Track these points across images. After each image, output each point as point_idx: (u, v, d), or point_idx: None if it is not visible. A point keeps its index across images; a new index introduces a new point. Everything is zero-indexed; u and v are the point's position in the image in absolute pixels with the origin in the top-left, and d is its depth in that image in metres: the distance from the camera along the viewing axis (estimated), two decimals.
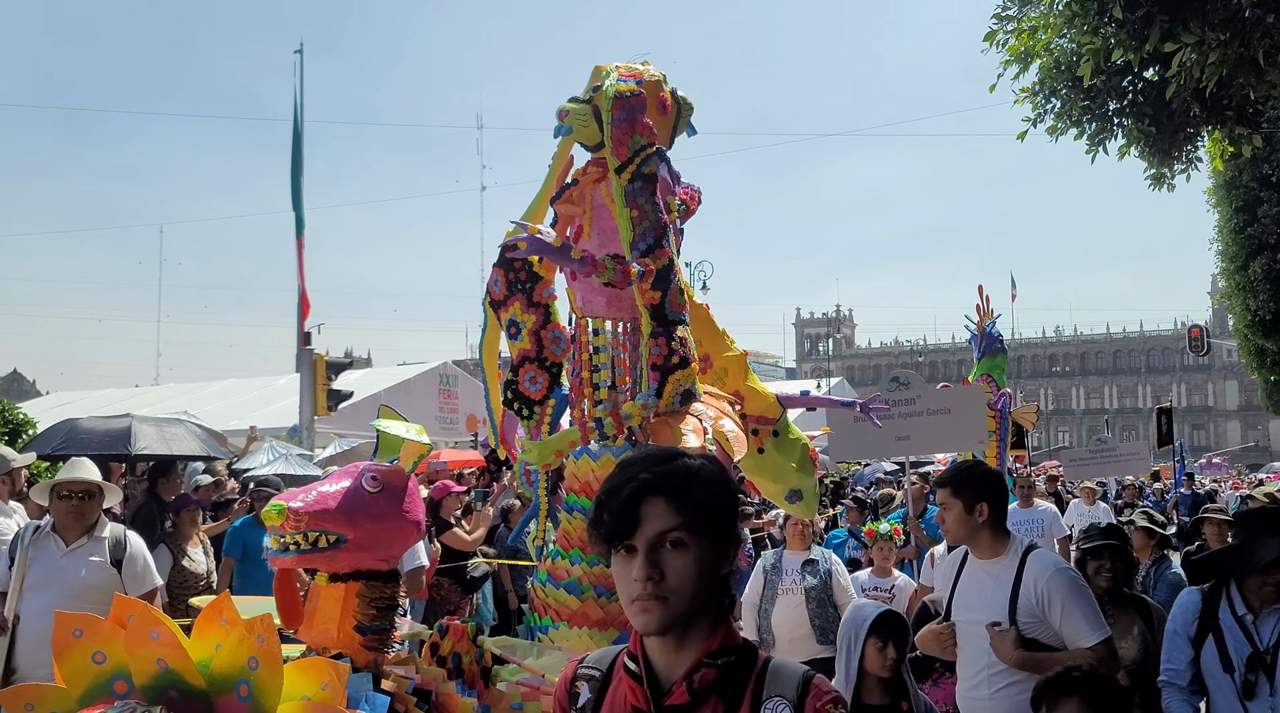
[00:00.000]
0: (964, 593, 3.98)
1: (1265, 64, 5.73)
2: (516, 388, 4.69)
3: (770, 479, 5.42)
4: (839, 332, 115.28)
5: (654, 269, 4.04)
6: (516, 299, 4.73)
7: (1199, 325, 30.22)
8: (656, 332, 4.09)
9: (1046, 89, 7.47)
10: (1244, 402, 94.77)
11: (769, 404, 5.30)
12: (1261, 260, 17.88)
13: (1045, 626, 3.80)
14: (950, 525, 3.85)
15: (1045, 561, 3.77)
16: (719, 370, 5.25)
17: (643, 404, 4.07)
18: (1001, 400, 11.93)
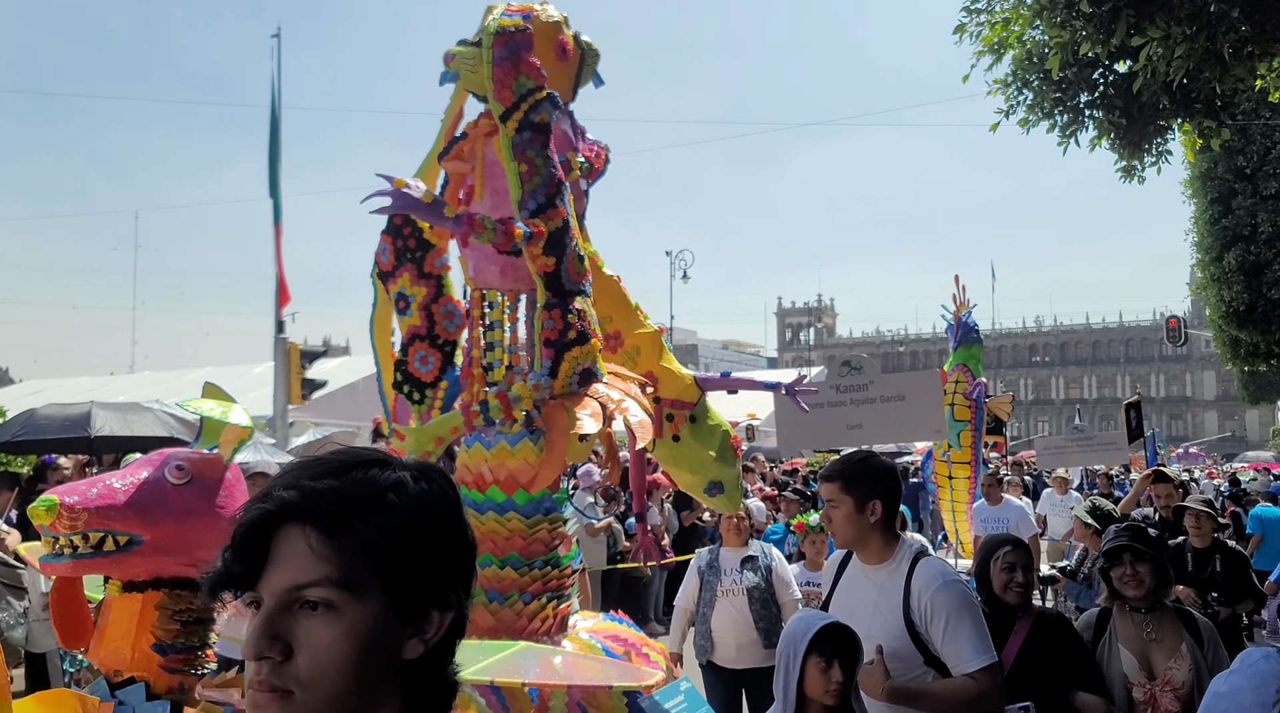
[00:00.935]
0: (846, 601, 3.48)
1: (1230, 58, 5.76)
2: (406, 369, 4.32)
3: (687, 470, 5.04)
4: (820, 321, 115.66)
5: (544, 231, 3.61)
6: (406, 270, 4.33)
7: (1177, 316, 30.42)
8: (551, 303, 3.69)
9: (1018, 81, 7.49)
10: (1221, 392, 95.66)
11: (685, 387, 4.92)
12: (1236, 252, 18.03)
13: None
14: (837, 526, 3.37)
15: (933, 570, 3.27)
16: (630, 350, 4.90)
17: (534, 385, 3.65)
18: (977, 390, 11.71)
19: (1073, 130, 7.51)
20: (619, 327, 4.84)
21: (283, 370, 13.73)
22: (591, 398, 3.66)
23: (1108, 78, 7.20)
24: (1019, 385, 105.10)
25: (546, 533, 3.72)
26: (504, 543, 3.65)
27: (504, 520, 3.66)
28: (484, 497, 3.72)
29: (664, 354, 4.95)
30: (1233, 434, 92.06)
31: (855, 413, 8.05)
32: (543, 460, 3.62)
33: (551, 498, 3.77)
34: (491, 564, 3.65)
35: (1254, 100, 14.60)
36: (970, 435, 11.59)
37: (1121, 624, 4.03)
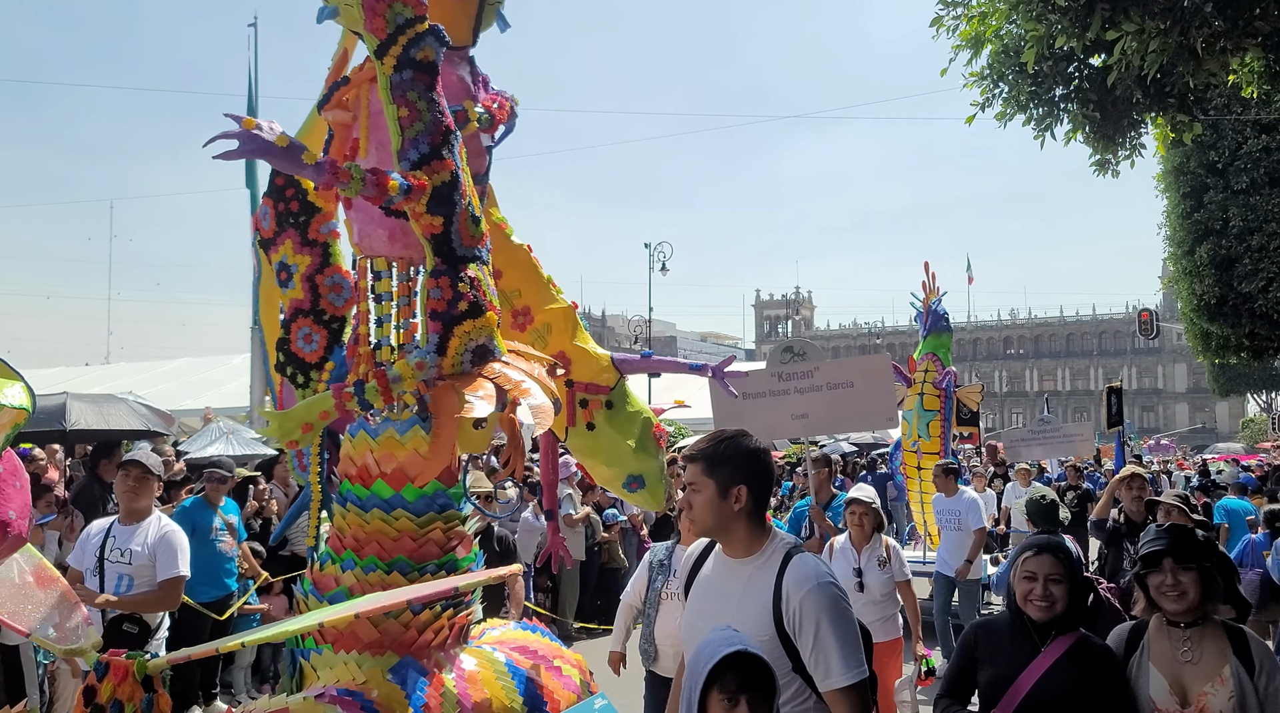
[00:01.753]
0: (705, 598, 3.02)
1: (1203, 53, 5.83)
2: (288, 348, 3.82)
3: (603, 462, 4.55)
4: (798, 313, 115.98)
5: (427, 185, 3.15)
6: (288, 236, 3.84)
7: (1149, 309, 30.72)
8: (439, 270, 3.24)
9: (995, 74, 7.54)
10: (1192, 384, 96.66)
11: (601, 369, 4.47)
12: (1207, 245, 18.22)
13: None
14: (698, 511, 2.93)
15: (806, 570, 2.80)
16: (540, 327, 4.44)
17: (418, 363, 3.22)
18: (946, 379, 11.72)
19: (1048, 124, 7.57)
20: (528, 302, 4.43)
21: (259, 361, 13.64)
22: (486, 378, 3.22)
23: (1083, 71, 7.26)
24: (993, 377, 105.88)
25: (441, 533, 3.35)
26: (391, 545, 3.27)
27: (391, 519, 3.28)
28: (369, 493, 3.32)
29: (578, 332, 4.53)
30: (1203, 426, 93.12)
31: (800, 402, 7.54)
32: (429, 450, 3.22)
33: (446, 494, 3.39)
34: (377, 569, 3.24)
35: (1226, 96, 14.79)
36: (940, 426, 11.59)
37: (1157, 641, 3.43)
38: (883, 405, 7.66)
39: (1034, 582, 3.45)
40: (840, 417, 7.74)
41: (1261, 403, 61.33)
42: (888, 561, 6.34)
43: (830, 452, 20.51)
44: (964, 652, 3.65)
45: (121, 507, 5.37)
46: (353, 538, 3.33)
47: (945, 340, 12.12)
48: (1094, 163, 7.89)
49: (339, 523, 3.42)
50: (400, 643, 3.21)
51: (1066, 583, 3.44)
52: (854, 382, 7.52)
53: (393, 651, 3.20)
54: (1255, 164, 17.72)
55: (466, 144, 3.48)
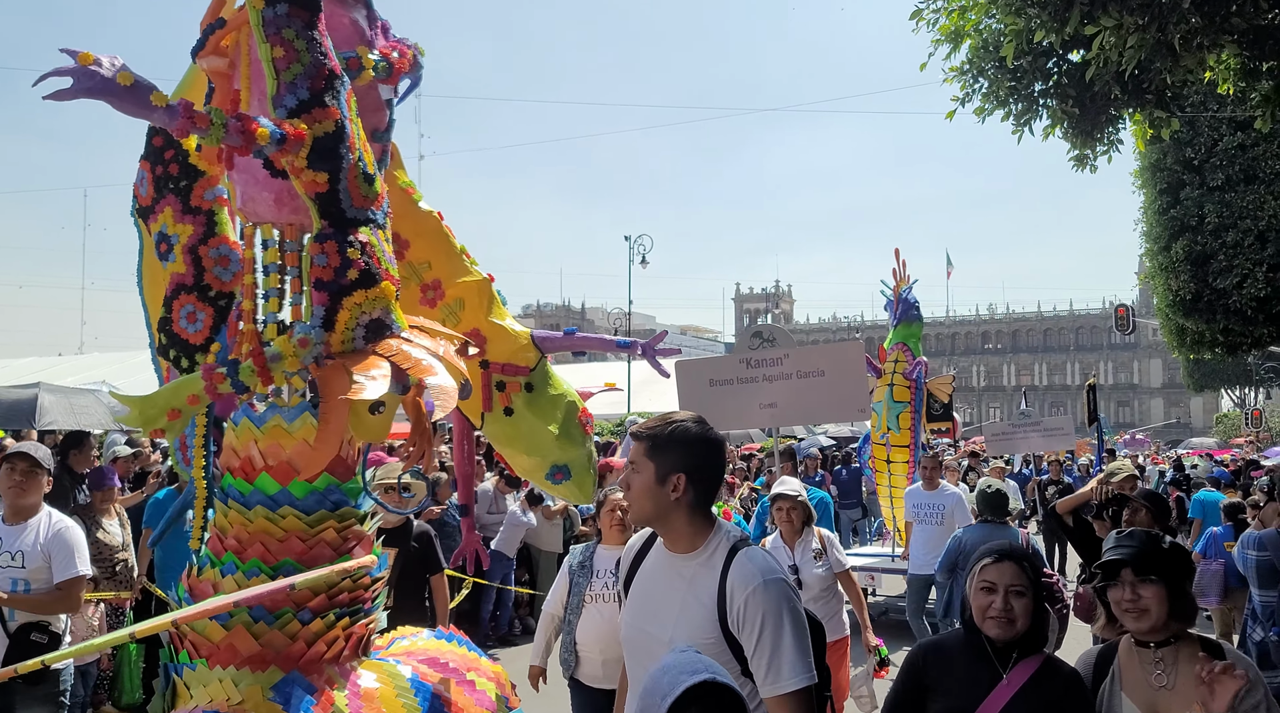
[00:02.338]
0: (646, 597, 2.77)
1: (1180, 49, 5.86)
2: (170, 328, 3.42)
3: (523, 450, 4.18)
4: (778, 307, 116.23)
5: (306, 136, 2.76)
6: (168, 203, 3.43)
7: (1125, 305, 30.96)
8: (325, 234, 2.87)
9: (974, 69, 7.57)
10: (1167, 380, 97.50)
11: (520, 348, 4.10)
12: (1183, 242, 18.35)
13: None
14: (634, 495, 2.70)
15: (752, 566, 2.58)
16: (453, 302, 4.07)
17: (300, 340, 2.86)
18: (917, 370, 11.33)
19: (1027, 119, 7.60)
20: (439, 274, 4.08)
21: None
22: (381, 357, 2.88)
23: (1061, 67, 7.30)
24: (971, 372, 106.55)
25: (335, 533, 2.99)
26: (278, 546, 2.92)
27: (277, 518, 2.93)
28: (252, 488, 2.95)
29: (494, 307, 4.16)
30: (1178, 421, 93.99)
31: (769, 390, 7.18)
32: (316, 438, 2.83)
33: (341, 489, 3.02)
34: (260, 573, 2.89)
35: (1202, 92, 14.88)
36: (910, 418, 11.17)
37: (1128, 667, 3.00)
38: (854, 395, 7.30)
39: (993, 594, 2.98)
40: (810, 407, 7.40)
41: (1235, 399, 61.98)
42: (823, 552, 6.01)
43: (809, 445, 20.60)
44: (910, 676, 3.14)
45: (6, 504, 4.82)
46: (234, 539, 2.97)
47: (916, 330, 11.74)
48: (1072, 158, 7.94)
49: (220, 522, 3.06)
50: (285, 657, 2.84)
51: (1029, 596, 2.97)
52: (825, 370, 7.19)
53: (276, 665, 2.83)
54: (1231, 161, 17.86)
55: (362, 95, 3.17)
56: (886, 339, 11.89)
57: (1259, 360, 42.02)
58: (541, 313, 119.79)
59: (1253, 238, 17.63)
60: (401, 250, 3.97)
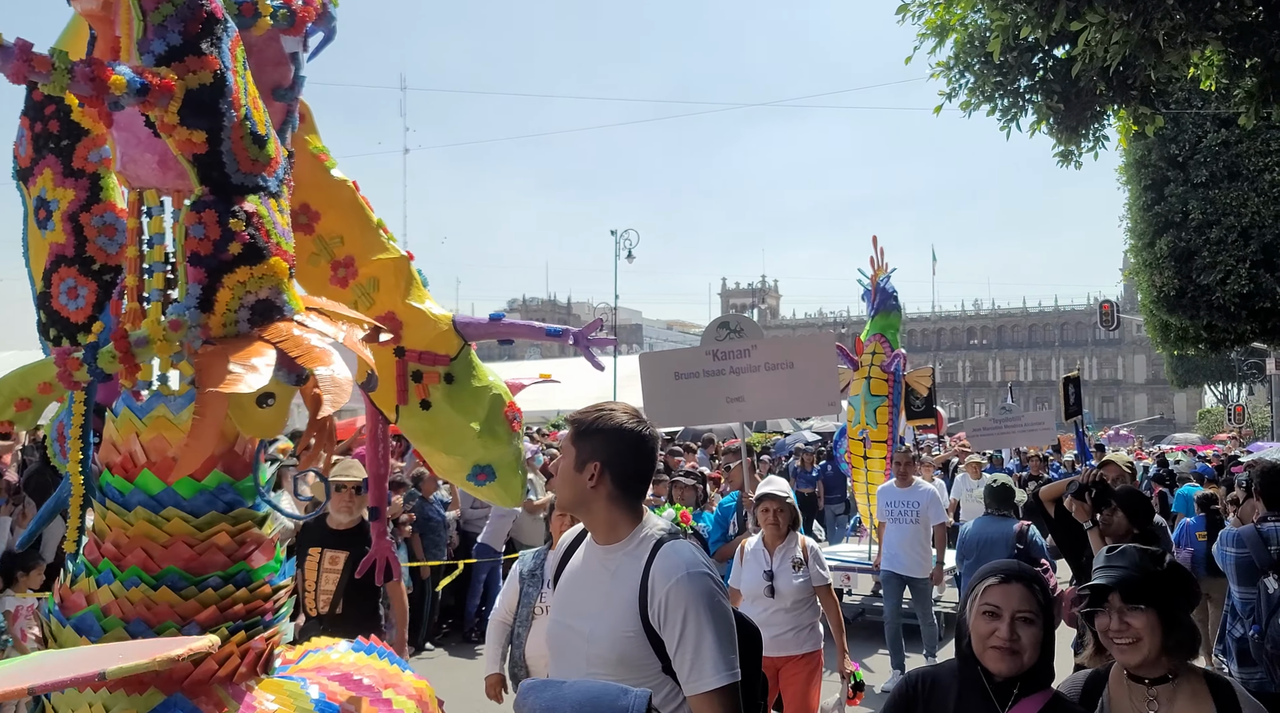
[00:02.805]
0: (571, 590, 2.68)
1: (1165, 45, 5.87)
2: (50, 305, 3.10)
3: (442, 448, 3.86)
4: (764, 302, 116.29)
5: (175, 87, 2.43)
6: (47, 165, 3.07)
7: (1110, 301, 31.10)
8: (204, 202, 2.55)
9: (960, 64, 7.58)
10: (1151, 375, 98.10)
11: (440, 334, 3.77)
12: (1167, 238, 18.46)
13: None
14: (556, 480, 2.68)
15: (676, 559, 2.47)
16: (366, 281, 3.73)
17: (171, 322, 2.54)
18: (895, 363, 10.88)
19: (1013, 114, 7.62)
20: (352, 250, 3.72)
21: None
22: (267, 343, 2.56)
23: (1047, 63, 7.31)
24: (957, 367, 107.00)
25: (229, 538, 2.69)
26: (161, 552, 2.61)
27: (161, 520, 2.62)
28: (132, 486, 2.64)
29: (413, 289, 3.81)
30: (1161, 416, 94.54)
31: (736, 384, 6.84)
32: (189, 432, 2.49)
33: (234, 488, 2.72)
34: (140, 583, 2.58)
35: (1187, 89, 14.94)
36: (887, 412, 10.78)
37: (1118, 698, 2.65)
38: (825, 389, 6.90)
39: (997, 620, 2.52)
40: (779, 401, 7.07)
41: (1218, 394, 62.43)
42: (804, 563, 5.61)
43: (792, 441, 20.61)
44: (902, 709, 2.75)
45: None
46: (112, 544, 2.65)
47: (894, 320, 11.32)
48: (1057, 154, 7.96)
49: (98, 525, 2.73)
50: (167, 678, 2.53)
51: (1039, 624, 2.52)
52: (794, 362, 6.83)
53: (156, 687, 2.53)
54: (1215, 158, 17.97)
55: (260, 47, 2.90)
56: (864, 331, 11.46)
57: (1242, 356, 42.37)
58: (527, 307, 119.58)
59: (1236, 234, 17.75)
60: (311, 223, 3.70)
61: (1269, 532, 5.01)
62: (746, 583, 5.64)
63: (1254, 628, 4.94)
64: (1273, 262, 17.52)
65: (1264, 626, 4.89)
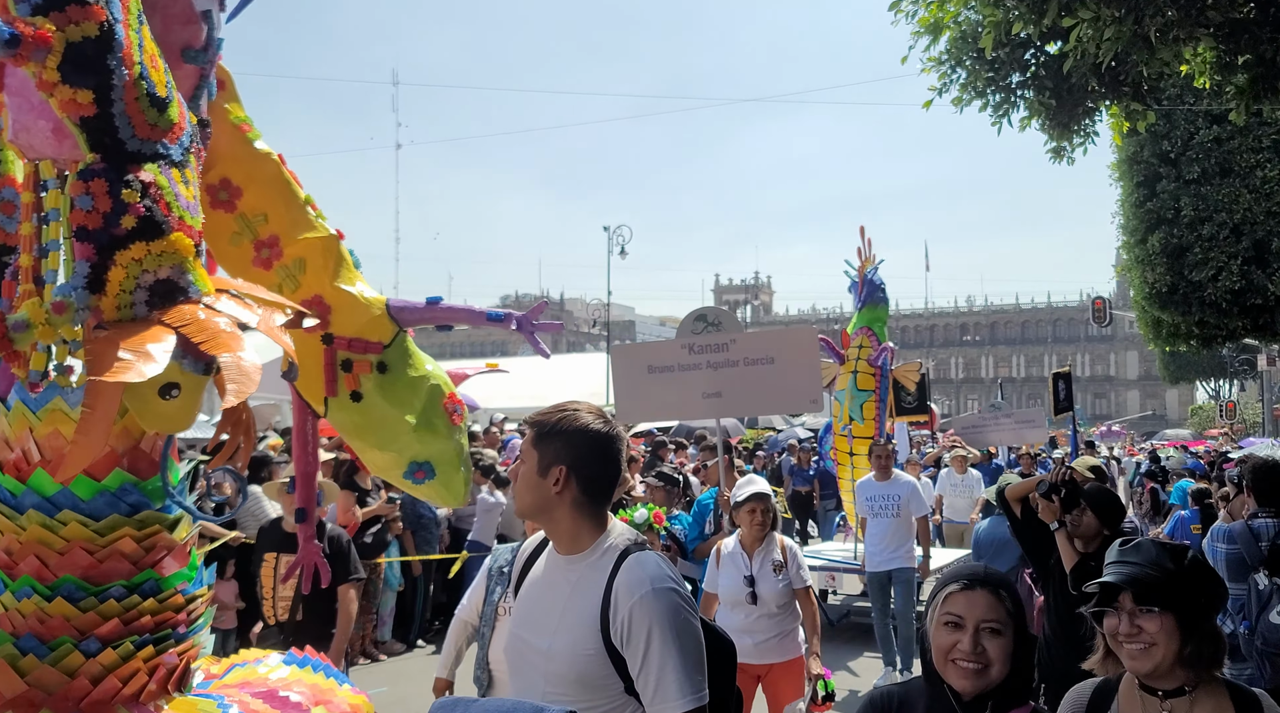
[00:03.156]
0: (530, 603, 2.48)
1: (1157, 42, 5.87)
2: None
3: (375, 444, 3.59)
4: (757, 298, 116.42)
5: (53, 39, 2.18)
6: None
7: (1102, 297, 31.16)
8: (93, 170, 2.31)
9: (953, 60, 7.58)
10: (1143, 372, 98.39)
11: (371, 320, 3.51)
12: (1159, 234, 18.50)
13: None
14: (519, 486, 2.46)
15: (642, 572, 2.29)
16: (292, 262, 3.45)
17: (56, 303, 2.30)
18: (882, 356, 10.47)
19: (1005, 110, 7.62)
20: (278, 229, 3.44)
21: None
22: (168, 327, 2.32)
23: (1039, 58, 7.31)
24: (950, 364, 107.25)
25: (134, 543, 2.46)
26: (58, 560, 2.39)
27: (56, 524, 2.40)
28: (25, 487, 2.42)
29: (343, 270, 3.54)
30: (1153, 413, 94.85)
31: (713, 378, 6.53)
32: (78, 427, 2.21)
33: (140, 489, 2.50)
34: (33, 594, 2.36)
35: (1179, 86, 14.97)
36: (874, 407, 10.44)
37: (1128, 709, 2.41)
38: (806, 385, 6.55)
39: (959, 631, 2.24)
40: (758, 397, 6.74)
41: (1210, 390, 62.61)
42: (784, 565, 5.39)
43: (785, 437, 20.59)
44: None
45: None
46: (3, 551, 2.43)
47: (882, 313, 10.91)
48: (1049, 150, 7.97)
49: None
50: (62, 698, 2.31)
51: (1008, 635, 2.23)
52: (774, 357, 6.50)
53: (49, 708, 2.31)
54: (1207, 154, 18.00)
55: (164, 2, 2.72)
56: (850, 323, 11.07)
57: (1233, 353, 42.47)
58: (520, 303, 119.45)
59: (1228, 231, 17.80)
60: (232, 200, 3.45)
61: (1260, 528, 5.02)
62: (725, 588, 5.41)
63: (1244, 624, 4.94)
64: (1264, 258, 17.57)
65: (1254, 622, 4.89)
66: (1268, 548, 4.95)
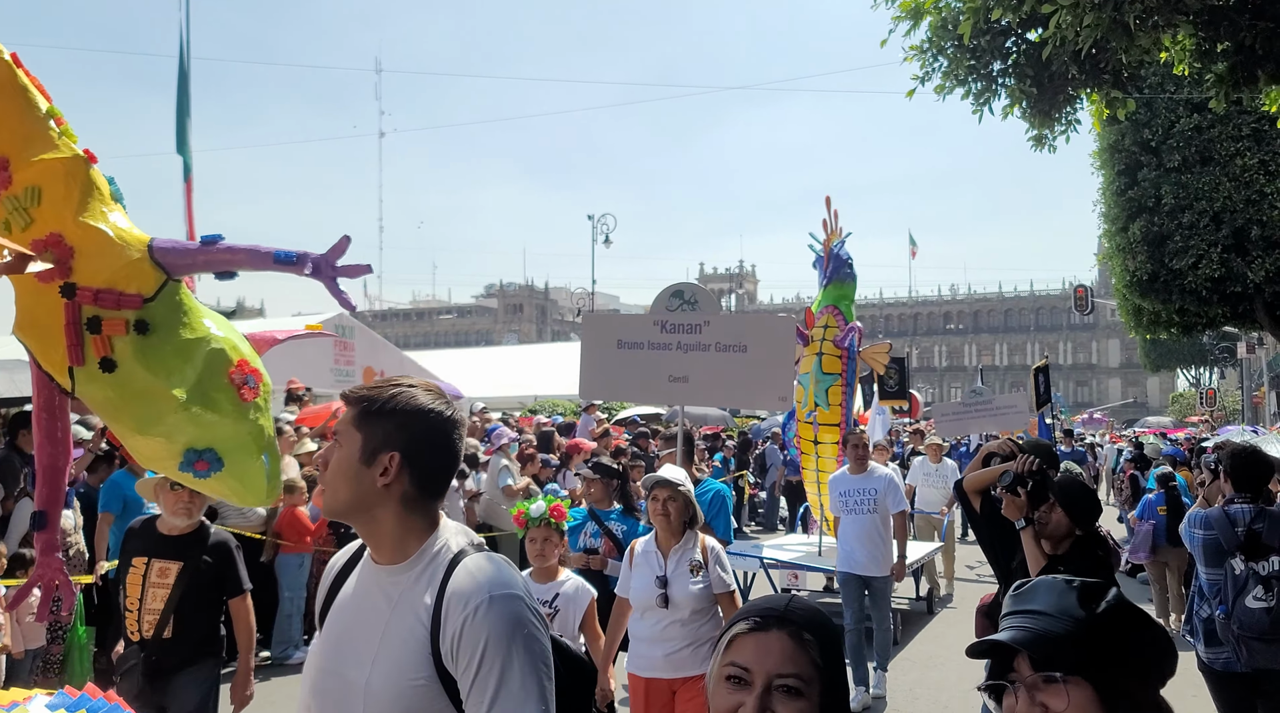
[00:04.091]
0: (340, 625, 2.01)
1: (1136, 29, 5.87)
2: None
3: (134, 426, 2.85)
4: (741, 287, 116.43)
5: None
6: None
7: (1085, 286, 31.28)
8: None
9: (934, 48, 7.56)
10: (1125, 360, 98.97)
11: (128, 266, 2.76)
12: (1140, 222, 18.58)
13: None
14: (330, 475, 1.98)
15: (478, 578, 1.88)
16: (24, 191, 2.77)
17: None
18: (849, 337, 9.57)
19: (986, 98, 7.61)
20: (7, 149, 2.80)
21: None
22: None
23: (1020, 46, 7.30)
24: (934, 352, 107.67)
25: None
26: None
27: None
28: None
29: (92, 202, 2.80)
30: (1135, 400, 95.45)
31: (682, 362, 6.01)
32: None
33: None
34: None
35: (1160, 74, 15.03)
36: (841, 392, 9.53)
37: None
38: (777, 381, 6.00)
39: (742, 691, 1.53)
40: (725, 387, 6.13)
41: (1191, 378, 63.03)
42: (703, 566, 4.77)
43: (768, 426, 20.54)
44: None
45: None
46: None
47: (849, 290, 10.04)
48: (1030, 138, 7.96)
49: None
50: None
51: (813, 696, 1.52)
52: (747, 346, 5.97)
53: None
54: (1187, 142, 18.07)
55: None
56: (815, 301, 10.12)
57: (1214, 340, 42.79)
58: (505, 292, 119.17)
59: (1208, 219, 17.88)
60: None
61: (1236, 514, 5.05)
62: (636, 591, 4.84)
63: (1220, 609, 4.98)
64: (1244, 246, 17.67)
65: (1230, 606, 4.93)
66: (1244, 533, 4.98)
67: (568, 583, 4.85)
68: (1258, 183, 17.38)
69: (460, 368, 24.05)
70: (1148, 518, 10.23)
